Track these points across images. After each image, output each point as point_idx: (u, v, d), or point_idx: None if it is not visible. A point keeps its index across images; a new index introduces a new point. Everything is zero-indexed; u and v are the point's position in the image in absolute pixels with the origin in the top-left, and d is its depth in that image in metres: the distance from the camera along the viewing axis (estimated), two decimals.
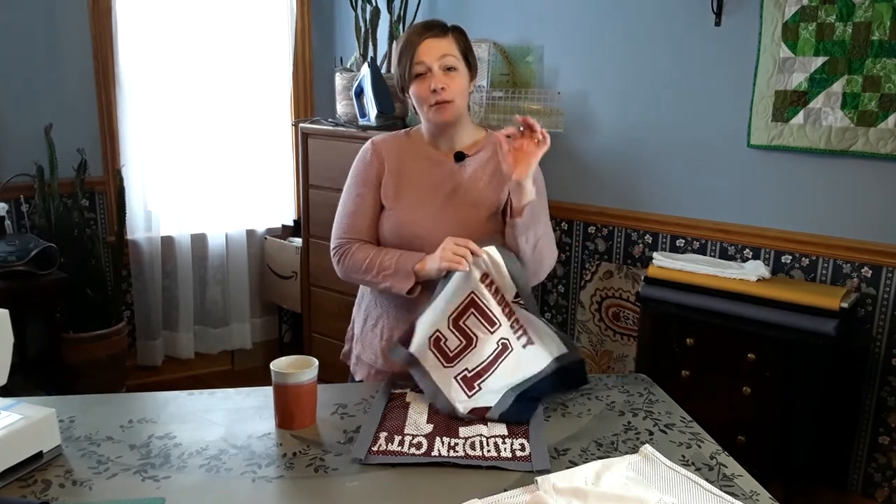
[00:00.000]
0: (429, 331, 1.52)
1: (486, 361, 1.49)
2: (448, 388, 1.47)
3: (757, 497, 1.18)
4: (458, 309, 1.52)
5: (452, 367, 1.50)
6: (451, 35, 1.63)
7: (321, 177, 3.22)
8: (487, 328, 1.51)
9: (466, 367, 1.49)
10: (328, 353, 2.94)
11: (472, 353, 1.50)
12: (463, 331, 1.52)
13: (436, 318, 1.52)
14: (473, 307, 1.52)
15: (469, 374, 1.48)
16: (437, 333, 1.52)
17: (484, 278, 1.52)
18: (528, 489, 1.15)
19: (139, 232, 3.47)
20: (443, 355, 1.51)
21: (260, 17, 3.66)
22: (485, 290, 1.52)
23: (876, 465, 2.55)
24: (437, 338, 1.52)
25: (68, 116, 3.26)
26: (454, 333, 1.52)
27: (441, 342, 1.52)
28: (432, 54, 1.59)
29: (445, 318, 1.52)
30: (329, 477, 1.22)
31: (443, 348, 1.52)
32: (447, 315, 1.52)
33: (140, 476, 1.21)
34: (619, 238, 3.02)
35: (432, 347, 1.52)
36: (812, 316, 2.31)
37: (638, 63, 2.84)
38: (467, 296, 1.52)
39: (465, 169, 1.69)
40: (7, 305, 1.28)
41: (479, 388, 1.47)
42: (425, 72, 1.59)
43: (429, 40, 1.60)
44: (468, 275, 1.51)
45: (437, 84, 1.58)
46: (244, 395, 1.53)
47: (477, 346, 1.50)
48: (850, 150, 2.41)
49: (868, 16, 2.31)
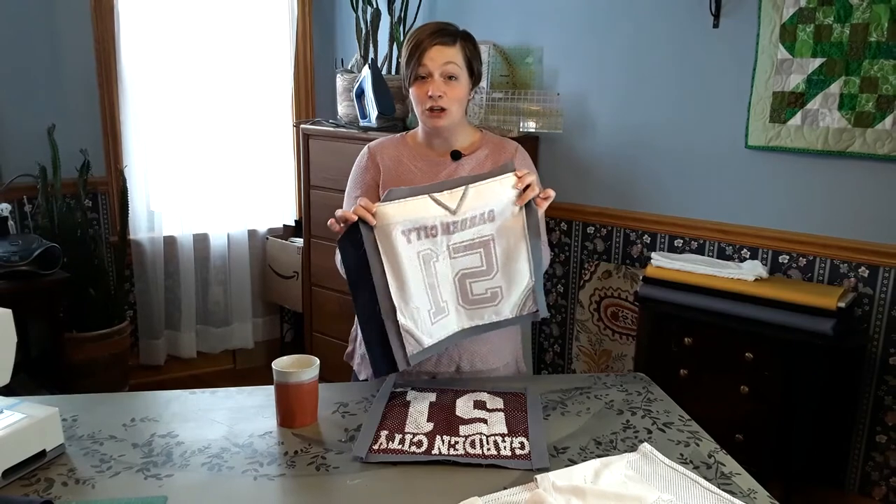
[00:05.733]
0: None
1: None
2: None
3: (755, 495, 1.19)
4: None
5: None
6: (460, 43, 1.65)
7: (322, 177, 3.23)
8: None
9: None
10: (329, 353, 2.95)
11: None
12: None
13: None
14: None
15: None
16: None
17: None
18: (528, 487, 1.16)
19: (142, 232, 3.49)
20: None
21: (261, 19, 3.67)
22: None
23: (873, 463, 2.56)
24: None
25: (71, 117, 3.27)
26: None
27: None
28: (436, 60, 1.61)
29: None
30: (330, 475, 1.23)
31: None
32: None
33: (142, 474, 1.22)
34: (617, 238, 3.03)
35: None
36: (809, 315, 2.31)
37: (637, 65, 2.85)
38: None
39: (463, 168, 1.71)
40: (10, 305, 1.29)
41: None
42: (427, 76, 1.62)
43: (437, 46, 1.62)
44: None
45: (434, 91, 1.61)
46: (246, 394, 1.55)
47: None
48: (848, 150, 2.42)
49: (866, 17, 2.32)
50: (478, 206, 1.48)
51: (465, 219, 1.48)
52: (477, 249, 1.51)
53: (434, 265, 1.48)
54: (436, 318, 1.50)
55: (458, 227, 1.48)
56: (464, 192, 1.48)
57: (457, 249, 1.50)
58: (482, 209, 1.48)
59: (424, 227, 1.46)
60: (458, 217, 1.47)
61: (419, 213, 1.45)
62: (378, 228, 1.44)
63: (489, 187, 1.49)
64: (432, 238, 1.47)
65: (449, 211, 1.46)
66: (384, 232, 1.44)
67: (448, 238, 1.48)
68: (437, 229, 1.47)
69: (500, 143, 1.78)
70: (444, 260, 1.49)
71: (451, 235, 1.48)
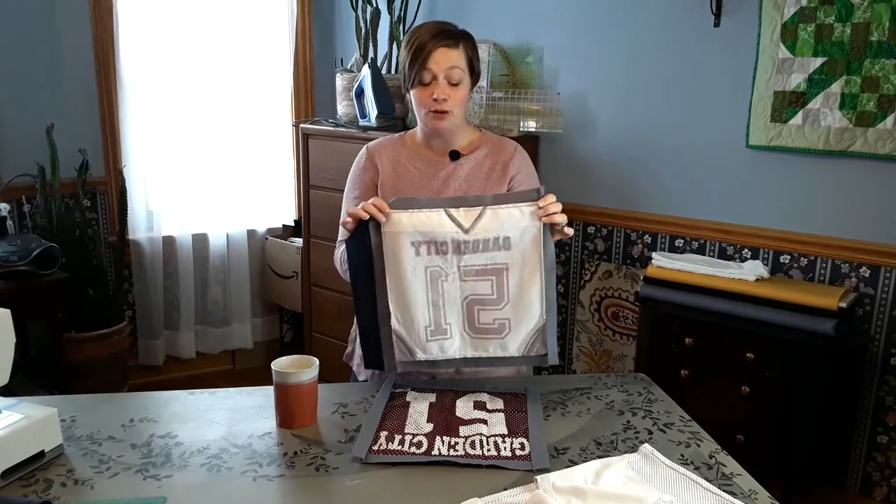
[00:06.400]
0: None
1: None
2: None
3: (756, 496, 1.18)
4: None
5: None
6: (462, 45, 1.65)
7: (322, 177, 3.23)
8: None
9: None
10: (329, 353, 2.95)
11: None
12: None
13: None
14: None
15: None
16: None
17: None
18: (528, 488, 1.16)
19: (140, 232, 3.48)
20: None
21: (261, 18, 3.66)
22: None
23: (874, 464, 2.56)
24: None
25: (70, 117, 3.27)
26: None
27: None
28: (441, 64, 1.61)
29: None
30: (330, 476, 1.23)
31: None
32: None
33: (141, 475, 1.22)
34: (618, 238, 3.03)
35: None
36: (810, 316, 2.31)
37: (637, 64, 2.85)
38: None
39: (462, 168, 1.71)
40: (9, 305, 1.28)
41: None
42: (431, 80, 1.62)
43: (442, 49, 1.61)
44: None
45: (439, 94, 1.61)
46: (245, 395, 1.54)
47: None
48: (849, 150, 2.42)
49: (867, 17, 2.32)
50: (492, 230, 1.46)
51: (477, 240, 1.46)
52: (489, 277, 1.48)
53: (442, 284, 1.48)
54: (433, 337, 1.50)
55: (470, 249, 1.46)
56: (480, 212, 1.46)
57: (468, 273, 1.48)
58: (497, 233, 1.46)
59: (435, 242, 1.46)
60: (469, 237, 1.46)
61: (431, 227, 1.45)
62: (387, 234, 1.45)
63: (508, 212, 1.46)
64: (442, 255, 1.47)
65: (462, 229, 1.46)
66: (393, 238, 1.45)
67: (459, 259, 1.47)
68: (448, 246, 1.46)
69: (499, 143, 1.77)
70: (454, 281, 1.49)
71: (463, 256, 1.47)
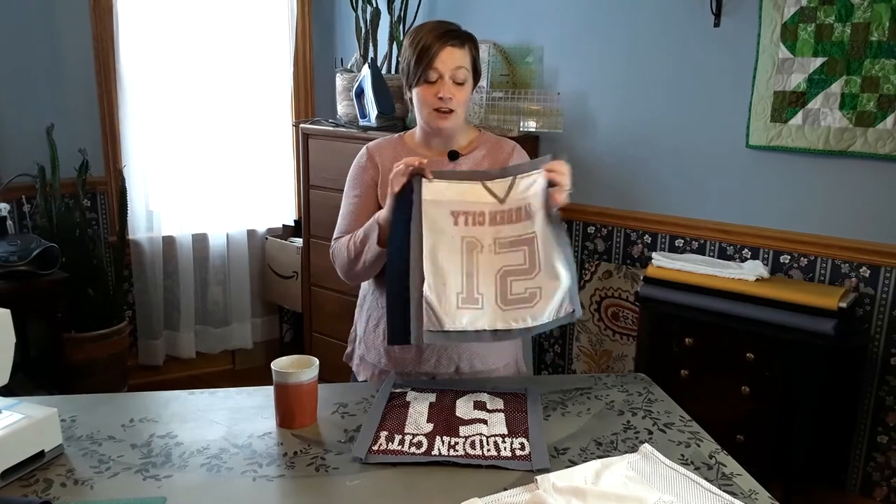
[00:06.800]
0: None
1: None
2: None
3: (756, 496, 1.18)
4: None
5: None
6: (468, 45, 1.65)
7: (322, 177, 3.23)
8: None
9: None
10: (329, 353, 2.95)
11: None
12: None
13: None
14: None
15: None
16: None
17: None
18: (528, 488, 1.16)
19: (140, 232, 3.48)
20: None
21: (260, 18, 3.66)
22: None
23: (874, 464, 2.56)
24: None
25: (70, 116, 3.27)
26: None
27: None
28: (448, 64, 1.61)
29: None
30: (330, 476, 1.23)
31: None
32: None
33: (141, 475, 1.22)
34: (618, 238, 3.02)
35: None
36: (810, 316, 2.31)
37: (637, 64, 2.85)
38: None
39: (460, 167, 1.71)
40: (9, 305, 1.28)
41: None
42: (437, 79, 1.62)
43: (449, 49, 1.61)
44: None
45: (445, 94, 1.62)
46: (245, 395, 1.54)
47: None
48: (849, 150, 2.42)
49: (867, 17, 2.32)
50: (521, 199, 1.50)
51: (510, 209, 1.50)
52: (521, 247, 1.49)
53: (477, 255, 1.49)
54: (464, 305, 1.46)
55: (505, 219, 1.50)
56: (511, 181, 1.51)
57: (503, 245, 1.50)
58: (524, 202, 1.50)
59: (473, 213, 1.50)
60: (504, 207, 1.50)
61: (470, 198, 1.50)
62: (428, 202, 1.49)
63: (529, 179, 1.51)
64: (479, 226, 1.50)
65: (498, 199, 1.50)
66: (433, 206, 1.49)
67: (496, 230, 1.50)
68: (486, 217, 1.50)
69: (498, 143, 1.77)
70: (489, 253, 1.49)
71: (498, 227, 1.50)
